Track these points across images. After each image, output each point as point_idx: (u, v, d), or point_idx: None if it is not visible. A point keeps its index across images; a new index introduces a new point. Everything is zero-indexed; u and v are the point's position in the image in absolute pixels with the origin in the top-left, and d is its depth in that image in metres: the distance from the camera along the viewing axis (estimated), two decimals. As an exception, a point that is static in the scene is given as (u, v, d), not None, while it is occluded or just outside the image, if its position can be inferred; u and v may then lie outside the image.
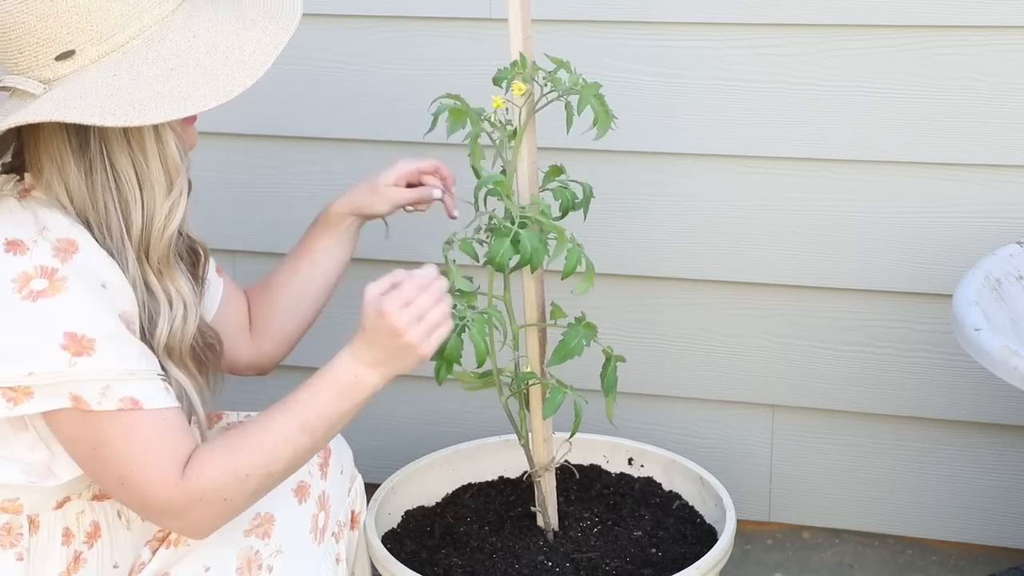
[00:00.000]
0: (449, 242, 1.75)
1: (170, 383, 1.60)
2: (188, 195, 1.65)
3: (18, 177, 1.61)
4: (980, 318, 1.79)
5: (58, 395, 1.51)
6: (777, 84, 2.19)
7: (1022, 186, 2.15)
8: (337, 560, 1.82)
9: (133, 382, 1.53)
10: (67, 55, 1.53)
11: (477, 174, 1.78)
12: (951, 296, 1.90)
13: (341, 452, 1.85)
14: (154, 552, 1.70)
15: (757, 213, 2.26)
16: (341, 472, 1.84)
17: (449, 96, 1.79)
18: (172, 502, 1.56)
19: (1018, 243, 2.02)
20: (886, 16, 2.12)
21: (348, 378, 1.62)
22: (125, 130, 1.56)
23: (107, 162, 1.57)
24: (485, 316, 1.73)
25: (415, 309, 1.61)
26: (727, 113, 2.22)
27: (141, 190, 1.59)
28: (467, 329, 1.71)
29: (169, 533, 1.71)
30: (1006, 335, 1.79)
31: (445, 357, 1.70)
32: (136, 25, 1.55)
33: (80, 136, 1.57)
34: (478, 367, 1.75)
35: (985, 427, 2.28)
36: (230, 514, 1.61)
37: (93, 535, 1.68)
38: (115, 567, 1.69)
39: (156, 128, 1.58)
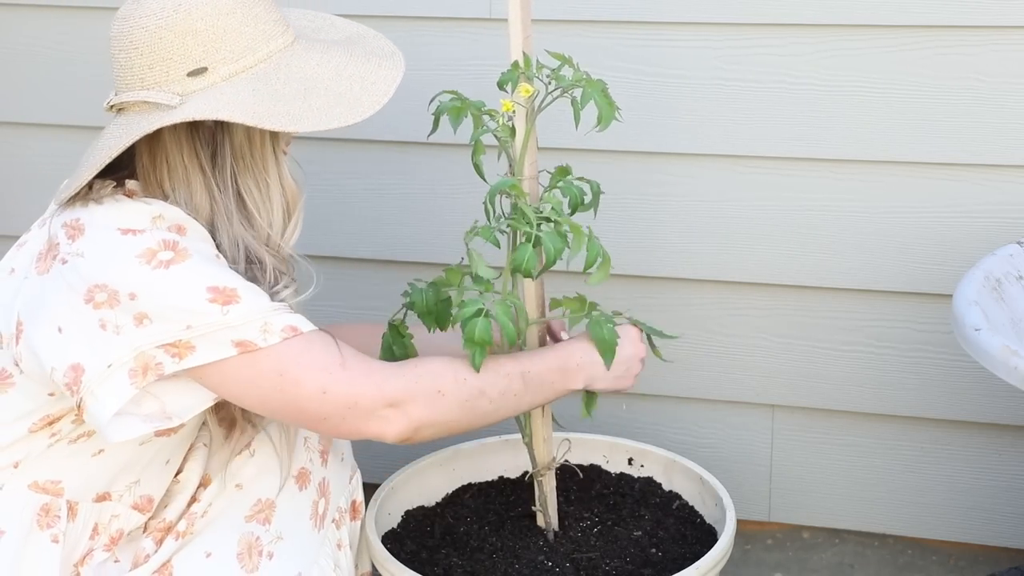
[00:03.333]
0: (472, 231, 1.75)
1: None
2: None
3: (115, 183, 1.65)
4: (980, 318, 1.79)
5: (221, 345, 1.56)
6: (777, 84, 2.19)
7: (1022, 186, 2.15)
8: (339, 546, 1.83)
9: (284, 313, 1.60)
10: (199, 72, 1.61)
11: (478, 170, 1.78)
12: (951, 296, 1.90)
13: (339, 441, 1.86)
14: (158, 543, 1.71)
15: (757, 213, 2.26)
16: (342, 460, 1.86)
17: (447, 92, 1.78)
18: (389, 393, 1.61)
19: (1018, 243, 2.02)
20: (886, 16, 2.12)
21: (572, 362, 1.76)
22: (252, 152, 1.65)
23: (235, 179, 1.65)
24: (505, 302, 1.73)
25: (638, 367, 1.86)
26: (727, 113, 2.22)
27: (260, 211, 1.67)
28: (490, 314, 1.71)
29: (175, 523, 1.71)
30: (1006, 335, 1.79)
31: (477, 342, 1.70)
32: (264, 50, 1.64)
33: (211, 152, 1.64)
34: (509, 348, 1.76)
35: (985, 427, 2.28)
36: (439, 415, 1.65)
37: (116, 539, 1.70)
38: (116, 562, 1.70)
39: (275, 154, 1.67)
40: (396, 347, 1.83)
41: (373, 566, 1.91)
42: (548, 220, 1.72)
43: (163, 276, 1.54)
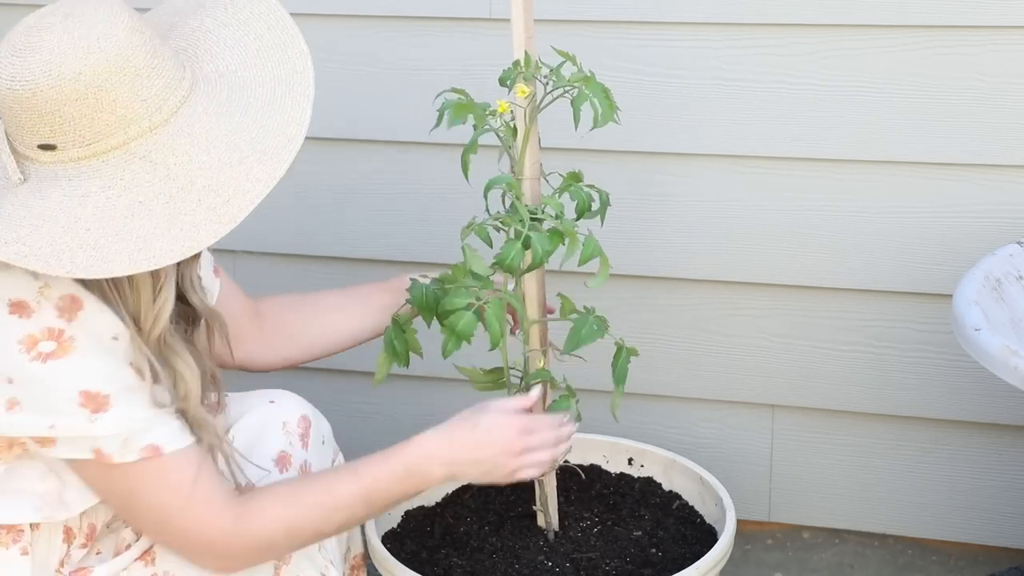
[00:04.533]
0: (469, 226, 1.75)
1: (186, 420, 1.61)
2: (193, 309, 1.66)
3: None
4: (980, 318, 1.79)
5: (80, 448, 1.54)
6: (777, 84, 2.19)
7: (1022, 186, 2.15)
8: None
9: (151, 429, 1.55)
10: (49, 148, 1.51)
11: (464, 167, 1.77)
12: (951, 296, 1.90)
13: (320, 424, 1.84)
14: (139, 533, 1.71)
15: (757, 213, 2.26)
16: (323, 443, 1.84)
17: (454, 91, 1.78)
18: (217, 543, 1.60)
19: (1018, 243, 2.02)
20: (886, 16, 2.12)
21: (426, 464, 1.68)
22: None
23: None
24: (501, 301, 1.73)
25: (536, 439, 1.71)
26: (727, 113, 2.22)
27: (128, 289, 1.56)
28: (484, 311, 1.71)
29: None
30: (1006, 335, 1.79)
31: (456, 332, 1.69)
32: (120, 136, 1.50)
33: None
34: (490, 349, 1.75)
35: (985, 427, 2.28)
36: (270, 558, 1.66)
37: (91, 535, 1.69)
38: (98, 553, 1.69)
39: None
40: (397, 342, 1.84)
41: (373, 565, 1.91)
42: (541, 220, 1.72)
43: (39, 370, 1.49)
